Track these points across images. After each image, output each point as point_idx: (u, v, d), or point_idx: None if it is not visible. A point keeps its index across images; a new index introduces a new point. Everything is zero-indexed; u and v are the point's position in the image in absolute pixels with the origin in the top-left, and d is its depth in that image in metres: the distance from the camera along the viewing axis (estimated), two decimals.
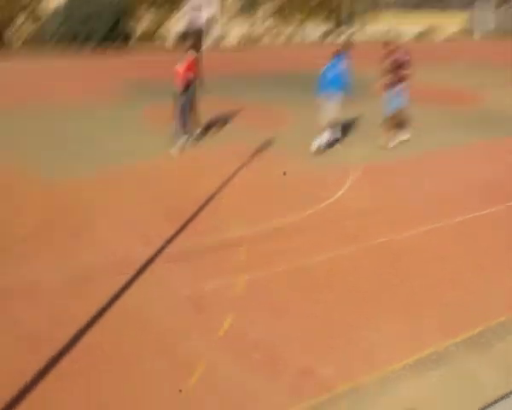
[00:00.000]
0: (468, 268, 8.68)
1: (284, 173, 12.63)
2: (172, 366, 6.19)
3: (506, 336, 7.05)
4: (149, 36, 33.09)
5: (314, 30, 39.55)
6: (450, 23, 45.00)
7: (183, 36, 34.91)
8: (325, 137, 13.82)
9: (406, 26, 43.27)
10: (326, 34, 39.72)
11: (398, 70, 14.22)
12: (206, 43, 33.27)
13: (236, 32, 37.49)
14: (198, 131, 13.89)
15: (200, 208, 10.08)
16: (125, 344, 6.51)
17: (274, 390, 5.92)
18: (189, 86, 13.40)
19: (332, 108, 13.71)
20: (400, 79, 14.26)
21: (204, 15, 34.70)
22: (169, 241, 8.87)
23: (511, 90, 22.83)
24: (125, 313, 7.08)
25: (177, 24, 34.69)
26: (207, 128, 15.07)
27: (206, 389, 5.89)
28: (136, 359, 6.27)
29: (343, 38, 38.39)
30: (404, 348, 6.68)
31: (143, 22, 33.55)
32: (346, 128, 15.43)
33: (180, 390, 5.94)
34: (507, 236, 9.89)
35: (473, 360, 6.55)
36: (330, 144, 13.95)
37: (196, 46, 13.63)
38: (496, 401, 5.98)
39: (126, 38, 29.45)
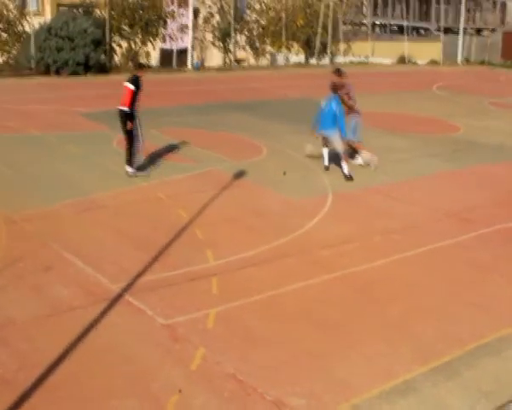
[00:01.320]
0: (439, 297, 8.75)
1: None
2: (145, 401, 6.14)
3: (475, 363, 7.10)
4: (125, 64, 33.14)
5: (287, 60, 39.87)
6: (424, 52, 45.63)
7: (163, 60, 35.16)
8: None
9: (380, 55, 43.82)
10: (299, 65, 40.02)
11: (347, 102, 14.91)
12: (187, 70, 33.48)
13: (211, 61, 37.70)
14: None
15: (173, 239, 10.06)
16: (97, 379, 6.46)
17: None
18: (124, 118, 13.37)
19: (338, 142, 14.16)
20: (349, 111, 14.89)
21: (179, 44, 34.99)
22: (141, 273, 8.83)
23: (484, 119, 23.13)
24: (97, 347, 7.03)
25: (152, 52, 34.82)
26: (179, 157, 15.07)
27: None
28: (106, 395, 6.21)
29: (319, 67, 38.73)
30: (376, 378, 6.71)
31: (118, 51, 33.62)
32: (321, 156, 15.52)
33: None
34: (476, 264, 9.99)
35: (443, 388, 6.58)
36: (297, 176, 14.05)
37: (136, 78, 13.50)
38: None
39: (101, 67, 29.47)
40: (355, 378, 6.67)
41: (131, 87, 13.29)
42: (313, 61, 41.30)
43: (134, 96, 13.33)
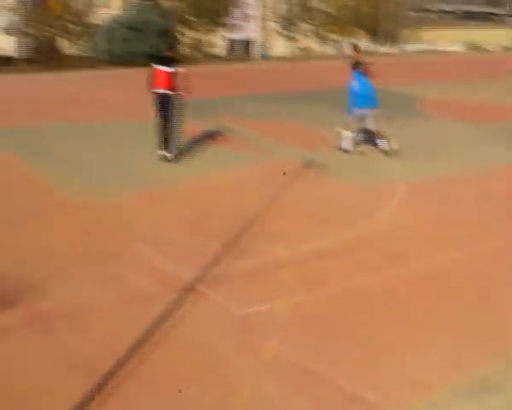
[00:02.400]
0: None
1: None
2: (217, 390, 6.16)
3: None
4: (193, 55, 33.35)
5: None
6: (495, 38, 44.43)
7: (230, 49, 35.24)
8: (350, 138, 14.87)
9: (449, 42, 42.86)
10: (366, 53, 39.55)
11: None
12: (254, 58, 33.54)
13: (277, 50, 37.57)
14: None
15: (243, 230, 10.07)
16: (170, 367, 6.52)
17: None
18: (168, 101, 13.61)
19: (372, 122, 14.71)
20: None
21: (245, 34, 35.03)
22: (211, 263, 8.87)
23: None
24: (170, 335, 7.09)
25: (219, 42, 34.91)
26: (246, 147, 15.08)
27: None
28: (180, 383, 6.26)
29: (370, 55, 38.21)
30: (452, 373, 6.57)
31: (187, 41, 33.80)
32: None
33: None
34: None
35: None
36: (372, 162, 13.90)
37: (172, 60, 13.79)
38: None
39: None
40: (431, 374, 6.55)
41: (169, 70, 13.47)
42: (380, 49, 40.74)
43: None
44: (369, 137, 15.18)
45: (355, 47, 15.82)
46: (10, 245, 9.36)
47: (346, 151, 14.86)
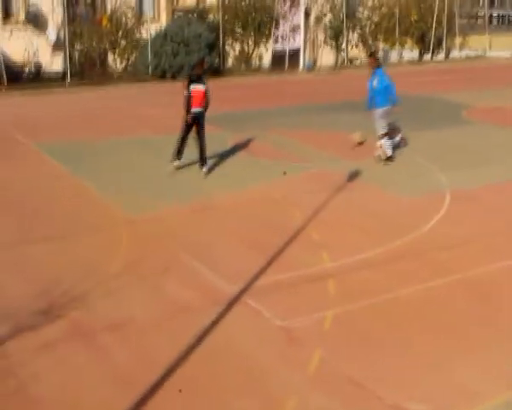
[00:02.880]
0: None
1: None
2: (263, 402, 6.18)
3: None
4: (238, 67, 33.54)
5: (400, 57, 39.08)
6: None
7: (274, 61, 35.35)
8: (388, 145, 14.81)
9: (499, 48, 42.21)
10: (413, 61, 39.21)
11: None
12: (299, 70, 33.59)
13: (323, 60, 37.52)
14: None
15: (287, 241, 10.07)
16: (217, 379, 6.56)
17: None
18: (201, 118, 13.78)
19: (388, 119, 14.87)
20: None
21: (291, 45, 35.08)
22: (257, 274, 8.90)
23: None
24: (216, 347, 7.14)
25: (265, 53, 35.04)
26: (291, 157, 15.08)
27: None
28: (227, 395, 6.30)
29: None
30: (497, 384, 6.46)
31: (231, 54, 34.02)
32: (436, 155, 15.17)
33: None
34: None
35: None
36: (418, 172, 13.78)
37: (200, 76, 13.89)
38: None
39: (215, 71, 29.88)
40: (475, 384, 6.47)
41: (202, 88, 13.57)
42: (428, 56, 40.36)
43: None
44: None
45: (372, 54, 16.06)
46: (59, 258, 9.56)
47: (390, 159, 14.70)
